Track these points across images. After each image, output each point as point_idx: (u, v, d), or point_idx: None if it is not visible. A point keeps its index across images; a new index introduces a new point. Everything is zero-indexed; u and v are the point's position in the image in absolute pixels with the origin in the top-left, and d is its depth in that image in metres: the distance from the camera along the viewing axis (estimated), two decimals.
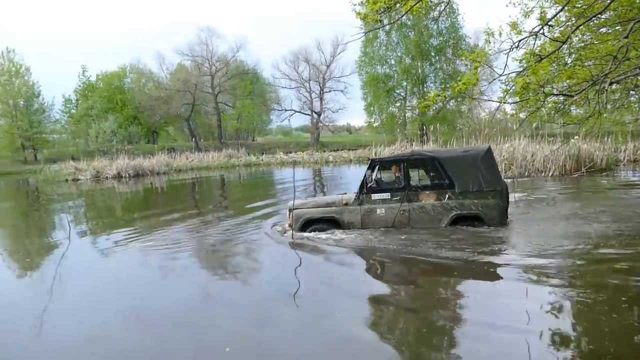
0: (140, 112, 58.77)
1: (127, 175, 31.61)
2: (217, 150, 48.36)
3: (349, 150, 47.52)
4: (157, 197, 21.53)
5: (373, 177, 9.40)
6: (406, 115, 46.92)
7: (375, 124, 48.17)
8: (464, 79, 6.75)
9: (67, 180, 31.62)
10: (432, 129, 32.56)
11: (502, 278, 6.63)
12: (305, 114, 61.19)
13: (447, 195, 9.01)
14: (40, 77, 62.44)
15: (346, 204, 9.44)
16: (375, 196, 9.30)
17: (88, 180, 30.76)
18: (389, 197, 9.23)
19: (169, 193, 22.72)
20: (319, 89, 59.68)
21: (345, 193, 10.15)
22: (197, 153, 46.25)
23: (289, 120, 62.88)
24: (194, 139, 57.68)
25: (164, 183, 27.31)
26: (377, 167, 9.46)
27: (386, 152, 32.20)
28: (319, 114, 59.51)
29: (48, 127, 57.01)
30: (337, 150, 49.03)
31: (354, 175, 24.09)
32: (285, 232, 9.91)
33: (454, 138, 26.54)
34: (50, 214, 17.06)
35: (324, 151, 46.89)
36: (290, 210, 9.87)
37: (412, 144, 33.75)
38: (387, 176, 9.56)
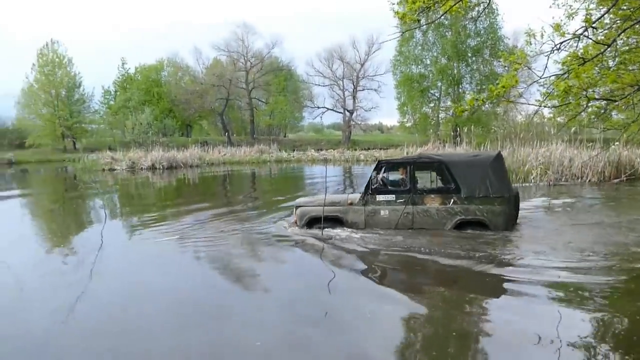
0: (175, 105, 58.36)
1: (161, 167, 31.58)
2: (249, 145, 47.60)
3: (380, 149, 46.43)
4: (189, 188, 21.47)
5: (379, 178, 9.39)
6: (440, 115, 45.71)
7: (408, 124, 47.05)
8: (502, 81, 6.55)
9: (103, 169, 31.81)
10: (465, 130, 31.53)
11: (528, 295, 5.97)
12: (338, 111, 60.15)
13: (452, 200, 8.96)
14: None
15: (351, 204, 9.51)
16: (380, 197, 9.33)
17: (124, 170, 30.76)
18: (394, 199, 9.25)
19: (200, 185, 22.61)
20: (353, 87, 58.27)
21: (353, 192, 10.29)
22: (229, 147, 46.01)
23: (321, 117, 61.93)
24: (226, 134, 56.93)
25: (196, 175, 27.08)
26: (383, 169, 9.43)
27: (418, 152, 29.91)
28: (351, 112, 58.28)
29: (87, 117, 56.87)
30: (369, 149, 48.09)
31: None
32: (289, 228, 10.04)
33: (489, 140, 25.22)
34: (88, 200, 17.54)
35: (355, 149, 46.09)
36: (296, 208, 10.03)
37: (444, 145, 32.58)
38: (393, 178, 9.55)
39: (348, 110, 58.72)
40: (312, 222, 9.70)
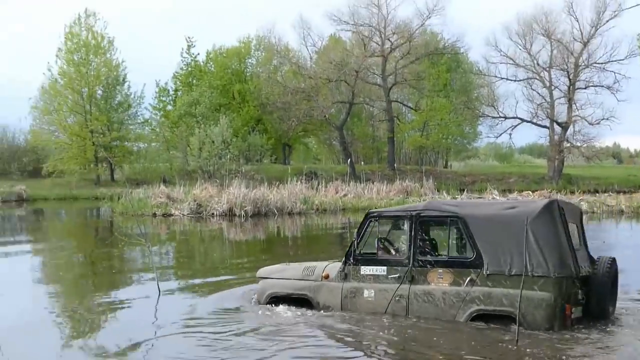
0: (267, 113, 58.93)
1: (243, 214, 31.52)
2: (387, 180, 46.53)
3: (617, 192, 43.22)
4: (289, 252, 20.83)
5: (365, 240, 10.06)
6: None
7: None
8: None
9: (154, 214, 32.61)
10: None
11: None
12: (540, 125, 58.46)
13: (468, 278, 9.10)
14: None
15: (327, 277, 10.15)
16: (365, 270, 9.87)
17: (185, 217, 31.76)
18: (385, 272, 9.72)
19: (305, 245, 22.93)
20: (567, 82, 55.85)
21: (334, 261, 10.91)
22: (352, 184, 44.39)
23: (510, 135, 60.08)
24: (349, 161, 55.05)
25: (298, 230, 28.21)
26: (372, 225, 10.11)
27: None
28: (564, 127, 56.29)
29: (133, 130, 58.18)
30: (596, 191, 45.12)
31: (629, 238, 24.90)
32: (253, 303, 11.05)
33: None
34: (130, 265, 18.40)
35: (572, 192, 42.83)
36: (258, 279, 11.16)
37: None
38: (386, 240, 10.10)
39: (558, 124, 56.94)
40: (277, 300, 10.41)
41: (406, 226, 9.71)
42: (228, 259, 19.48)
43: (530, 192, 43.04)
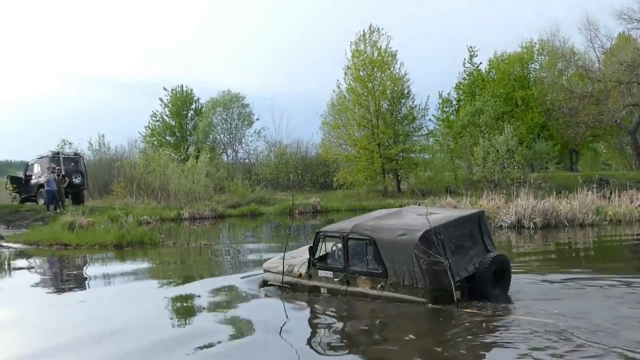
0: (552, 119, 58.42)
1: (532, 226, 30.66)
2: None
3: None
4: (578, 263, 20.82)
5: (318, 250, 13.17)
6: None
7: None
8: None
9: None
10: None
11: None
12: None
13: (379, 285, 12.17)
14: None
15: (300, 275, 13.60)
16: (321, 273, 13.18)
17: None
18: (332, 276, 12.97)
19: (594, 259, 21.86)
20: None
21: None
22: None
23: None
24: None
25: (590, 242, 26.88)
26: (320, 241, 13.20)
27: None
28: None
29: (417, 142, 58.57)
30: None
31: None
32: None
33: None
34: None
35: None
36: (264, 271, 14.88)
37: None
38: (331, 252, 13.20)
39: None
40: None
41: (341, 244, 12.77)
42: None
43: None
